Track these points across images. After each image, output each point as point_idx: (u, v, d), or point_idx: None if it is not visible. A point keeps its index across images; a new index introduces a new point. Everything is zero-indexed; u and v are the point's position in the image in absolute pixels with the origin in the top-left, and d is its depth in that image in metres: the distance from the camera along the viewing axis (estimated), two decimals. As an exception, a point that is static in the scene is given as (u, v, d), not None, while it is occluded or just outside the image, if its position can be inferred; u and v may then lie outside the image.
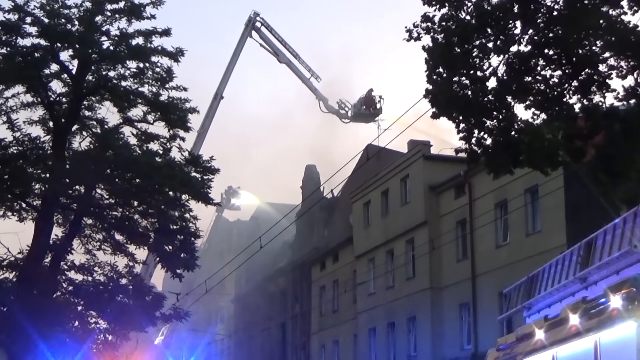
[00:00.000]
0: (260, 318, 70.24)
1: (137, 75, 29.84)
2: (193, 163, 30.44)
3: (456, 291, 41.23)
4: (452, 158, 36.19)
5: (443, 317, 42.16)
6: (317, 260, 59.83)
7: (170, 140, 30.62)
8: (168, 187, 29.15)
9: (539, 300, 15.52)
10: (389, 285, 47.46)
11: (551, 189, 32.24)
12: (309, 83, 59.30)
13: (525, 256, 34.32)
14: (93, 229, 31.01)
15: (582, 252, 13.92)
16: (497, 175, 22.87)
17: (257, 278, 73.75)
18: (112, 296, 30.04)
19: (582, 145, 21.14)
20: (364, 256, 50.64)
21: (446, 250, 41.69)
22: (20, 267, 28.96)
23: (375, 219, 49.80)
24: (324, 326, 58.00)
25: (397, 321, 46.26)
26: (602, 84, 20.75)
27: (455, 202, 41.77)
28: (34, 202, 29.65)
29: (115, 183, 29.65)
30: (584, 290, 13.54)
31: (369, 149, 47.17)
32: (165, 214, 29.93)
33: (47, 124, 29.91)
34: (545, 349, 13.38)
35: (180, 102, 30.31)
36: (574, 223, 31.57)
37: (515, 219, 36.98)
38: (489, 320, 36.21)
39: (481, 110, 20.83)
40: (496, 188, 36.60)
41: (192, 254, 30.51)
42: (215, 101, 57.09)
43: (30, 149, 28.95)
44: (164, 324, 36.17)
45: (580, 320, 12.14)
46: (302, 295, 62.65)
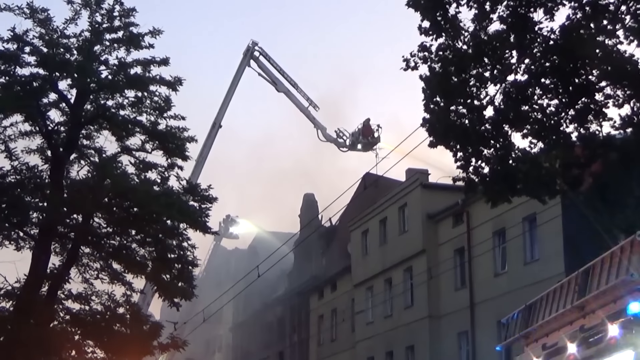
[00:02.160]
0: (258, 347, 69.99)
1: (135, 104, 29.88)
2: (191, 192, 30.40)
3: (455, 320, 41.14)
4: (450, 187, 36.23)
5: (442, 345, 42.04)
6: (315, 289, 59.71)
7: (169, 169, 30.60)
8: (166, 215, 29.09)
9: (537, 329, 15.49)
10: (387, 314, 47.36)
11: (549, 217, 32.28)
12: (307, 112, 59.46)
13: (523, 284, 34.28)
14: (91, 258, 30.90)
15: (580, 280, 13.91)
16: (494, 204, 22.91)
17: (255, 307, 73.57)
18: (110, 325, 29.88)
19: (579, 173, 21.21)
20: (362, 285, 50.56)
21: (444, 279, 41.65)
22: (17, 296, 28.84)
23: (373, 247, 49.76)
24: (322, 355, 57.77)
25: (396, 350, 46.10)
26: (598, 113, 20.85)
27: (454, 231, 41.78)
28: (32, 230, 29.58)
29: (113, 212, 29.60)
30: (581, 319, 13.52)
31: (366, 177, 47.26)
32: (163, 242, 29.86)
33: (45, 153, 29.91)
34: (544, 378, 13.38)
35: (179, 131, 30.32)
36: (572, 251, 31.56)
37: (513, 247, 36.97)
38: (487, 348, 36.09)
39: (478, 139, 20.90)
40: (494, 216, 36.62)
41: (190, 283, 30.40)
42: (214, 130, 57.21)
43: (28, 177, 28.92)
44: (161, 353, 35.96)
45: (578, 349, 12.16)
46: (300, 324, 62.47)
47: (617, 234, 20.18)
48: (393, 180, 49.25)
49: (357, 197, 50.02)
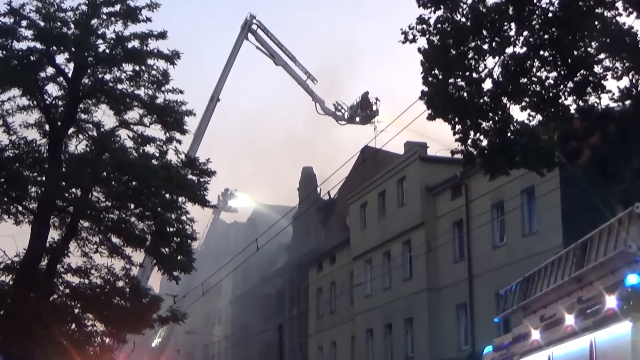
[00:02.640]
0: (257, 320, 70.29)
1: (133, 78, 29.84)
2: (189, 165, 30.43)
3: (453, 292, 41.30)
4: (449, 159, 36.25)
5: (440, 318, 42.22)
6: (314, 261, 59.89)
7: (167, 143, 30.61)
8: (164, 189, 29.13)
9: (535, 300, 15.56)
10: (386, 287, 47.52)
11: (547, 190, 32.32)
12: (305, 85, 59.34)
13: (521, 257, 34.39)
14: (90, 232, 30.97)
15: (578, 252, 13.95)
16: (493, 177, 22.93)
17: (254, 280, 73.81)
18: (109, 299, 30.02)
19: (577, 146, 21.23)
20: (360, 258, 50.71)
21: (443, 252, 41.77)
22: (16, 270, 28.95)
23: (372, 220, 49.86)
24: (321, 328, 58.05)
25: (395, 322, 46.31)
26: (597, 85, 20.84)
27: (452, 204, 41.85)
28: (30, 205, 29.63)
29: (112, 186, 29.63)
30: (579, 291, 13.58)
31: (365, 150, 47.22)
32: (161, 216, 29.91)
33: (43, 127, 29.90)
34: (541, 349, 13.45)
35: (177, 105, 30.30)
36: (570, 224, 31.64)
37: (511, 220, 37.05)
38: (486, 320, 36.27)
39: (477, 111, 20.89)
40: (492, 189, 36.66)
41: (189, 256, 30.50)
42: (212, 104, 57.10)
43: (27, 152, 28.93)
44: (161, 326, 36.13)
45: (575, 321, 12.20)
46: (299, 296, 62.70)
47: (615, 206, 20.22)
48: (392, 153, 49.26)
49: (356, 170, 50.02)
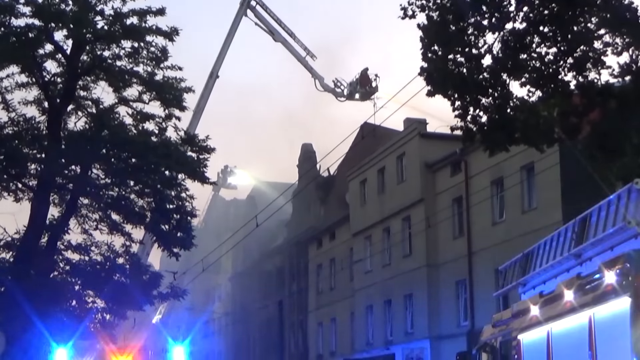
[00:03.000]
0: (257, 296, 70.47)
1: (131, 54, 29.77)
2: (189, 142, 30.43)
3: (452, 268, 41.38)
4: (448, 136, 36.22)
5: (439, 294, 42.33)
6: (313, 238, 59.97)
7: (166, 120, 30.61)
8: (164, 166, 29.15)
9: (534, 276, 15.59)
10: (386, 263, 47.61)
11: (547, 166, 32.31)
12: (304, 62, 59.17)
13: (521, 233, 34.41)
14: (89, 209, 31.02)
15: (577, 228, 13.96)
16: (492, 153, 22.92)
17: (254, 256, 73.92)
18: (109, 275, 30.09)
19: (577, 122, 21.20)
20: (360, 234, 50.77)
21: (442, 228, 41.81)
22: (17, 247, 29.01)
23: (371, 197, 49.88)
24: (321, 304, 58.21)
25: (394, 299, 46.43)
26: (597, 61, 20.77)
27: (452, 180, 41.84)
28: (30, 182, 29.66)
29: (111, 163, 29.64)
30: (578, 267, 13.60)
31: (364, 127, 47.15)
32: (161, 193, 29.94)
33: (42, 104, 29.87)
34: (541, 325, 13.48)
35: (176, 82, 30.26)
36: (570, 200, 31.65)
37: (511, 196, 37.06)
38: (485, 296, 36.37)
39: (476, 87, 20.85)
40: (492, 165, 36.64)
41: (189, 233, 30.55)
42: (211, 80, 56.94)
43: (26, 129, 28.93)
44: (161, 302, 36.24)
45: (574, 296, 12.22)
46: (299, 273, 62.83)
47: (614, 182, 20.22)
48: (391, 130, 49.18)
49: (355, 146, 49.96)
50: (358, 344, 50.91)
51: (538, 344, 13.52)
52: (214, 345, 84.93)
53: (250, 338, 73.96)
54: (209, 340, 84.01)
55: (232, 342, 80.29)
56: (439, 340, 41.65)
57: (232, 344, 79.98)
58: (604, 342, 11.41)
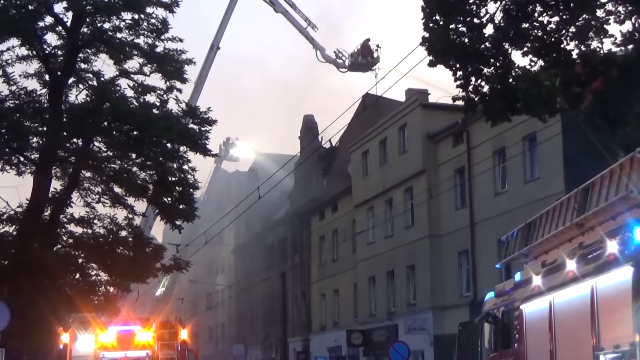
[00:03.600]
0: (260, 268, 70.69)
1: (132, 26, 29.69)
2: (190, 114, 30.41)
3: (455, 239, 41.44)
4: (450, 106, 36.08)
5: (442, 264, 42.41)
6: (316, 210, 60.03)
7: (167, 92, 30.58)
8: (166, 138, 29.14)
9: (537, 246, 15.60)
10: (388, 234, 47.67)
11: (549, 136, 32.24)
12: (305, 32, 59.01)
13: (523, 203, 34.40)
14: (92, 182, 31.07)
15: (579, 198, 13.94)
16: (494, 123, 22.89)
17: (257, 228, 74.07)
18: (113, 248, 30.20)
19: (579, 91, 21.11)
20: (362, 205, 50.81)
21: (445, 199, 41.82)
22: (19, 221, 29.08)
23: (373, 168, 49.87)
24: (323, 275, 58.37)
25: (397, 269, 46.54)
26: (599, 30, 20.67)
27: (454, 150, 41.79)
28: (32, 155, 29.68)
29: (113, 135, 29.65)
30: (580, 236, 13.60)
31: (366, 98, 47.12)
32: (163, 165, 29.96)
33: (43, 77, 29.83)
34: (543, 295, 13.52)
35: (176, 54, 30.21)
36: (572, 169, 31.62)
37: (513, 167, 37.03)
38: (487, 267, 36.42)
39: (478, 57, 20.77)
40: (494, 136, 36.58)
41: (191, 205, 30.61)
42: (212, 52, 56.81)
43: (27, 102, 28.91)
44: (164, 275, 36.37)
45: (577, 266, 12.24)
46: (301, 245, 62.96)
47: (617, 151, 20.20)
48: (393, 101, 49.09)
49: (357, 117, 49.90)
50: (361, 315, 51.11)
51: (540, 314, 13.57)
52: (217, 317, 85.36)
53: (253, 310, 74.28)
54: (212, 312, 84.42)
55: (235, 314, 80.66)
56: (442, 311, 41.78)
57: (235, 315, 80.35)
58: (606, 312, 11.44)
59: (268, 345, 69.13)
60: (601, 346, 11.50)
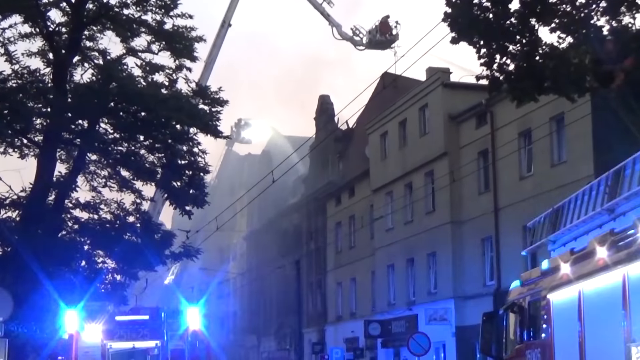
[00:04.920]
0: (273, 255, 70.80)
1: (139, 2, 29.64)
2: (201, 94, 30.39)
3: (478, 225, 41.38)
4: (473, 85, 36.01)
5: (464, 252, 42.38)
6: (332, 194, 60.05)
7: (176, 71, 30.55)
8: (175, 120, 29.14)
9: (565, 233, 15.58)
10: (408, 220, 47.66)
11: (578, 117, 32.10)
12: (321, 8, 58.87)
13: (550, 188, 34.33)
14: (98, 165, 31.13)
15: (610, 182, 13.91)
16: (520, 103, 22.81)
17: (270, 214, 74.18)
18: (120, 235, 30.26)
19: (610, 69, 21.00)
20: (381, 190, 50.79)
21: (467, 183, 41.74)
22: (23, 206, 29.17)
23: (392, 150, 49.81)
24: (340, 263, 58.44)
25: (417, 257, 46.54)
26: (631, 4, 20.56)
27: (477, 132, 41.70)
28: (36, 137, 29.73)
29: (120, 117, 29.68)
30: (612, 222, 13.57)
31: (385, 77, 47.02)
32: (172, 148, 29.99)
33: (47, 56, 29.84)
34: (571, 284, 13.48)
35: (186, 31, 30.16)
36: (602, 152, 31.50)
37: (539, 149, 36.91)
38: (512, 254, 36.39)
39: (503, 34, 20.69)
40: (519, 116, 36.46)
41: (202, 190, 30.63)
42: (223, 29, 56.78)
43: (30, 82, 28.92)
44: (174, 262, 36.49)
45: (608, 253, 12.20)
46: (316, 231, 63.02)
47: (649, 132, 20.12)
48: (413, 80, 48.97)
49: (375, 98, 49.79)
50: (379, 304, 51.17)
51: (569, 304, 13.53)
52: (229, 307, 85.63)
53: (267, 299, 74.48)
54: (224, 302, 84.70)
55: (247, 303, 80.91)
56: (464, 301, 41.77)
57: (248, 305, 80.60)
58: (638, 302, 11.40)
59: (282, 336, 69.33)
60: (633, 337, 11.46)
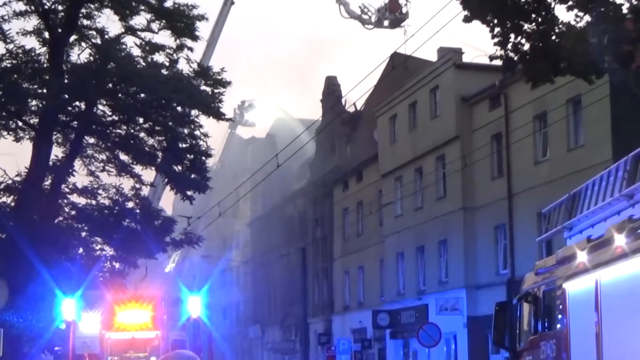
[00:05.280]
0: (278, 243, 70.91)
1: (138, -22, 29.63)
2: (202, 75, 30.40)
3: (491, 212, 41.38)
4: (487, 66, 35.97)
5: (477, 240, 42.39)
6: (339, 180, 60.07)
7: (177, 51, 30.54)
8: (176, 101, 29.17)
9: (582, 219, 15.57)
10: (418, 206, 47.67)
11: (595, 99, 32.06)
12: (328, -15, 58.72)
13: (566, 173, 34.31)
14: (96, 149, 31.19)
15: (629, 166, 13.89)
16: (535, 85, 22.74)
17: (275, 200, 74.24)
18: (118, 221, 30.34)
19: (630, 49, 20.91)
20: (390, 175, 50.79)
21: (480, 167, 41.73)
22: (18, 191, 29.25)
23: (402, 134, 49.79)
24: (347, 251, 58.50)
25: (427, 245, 46.57)
26: (652, -19, 20.44)
27: (490, 115, 41.65)
28: (31, 120, 29.78)
29: (118, 98, 29.69)
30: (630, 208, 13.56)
31: (394, 57, 46.92)
32: (173, 131, 30.02)
33: (43, 35, 29.83)
34: (588, 272, 13.47)
35: (187, 9, 30.13)
36: (621, 136, 31.47)
37: (555, 133, 36.87)
38: (526, 242, 36.40)
39: (518, 12, 20.61)
40: (535, 99, 36.41)
41: (203, 175, 30.68)
42: (226, 7, 56.75)
43: (25, 62, 28.94)
44: (174, 250, 36.56)
45: (626, 241, 12.19)
46: (323, 218, 63.07)
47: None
48: (423, 60, 48.89)
49: (384, 79, 49.75)
50: (388, 294, 51.25)
51: (585, 294, 13.53)
52: (232, 296, 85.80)
53: (271, 288, 74.63)
54: (227, 291, 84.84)
55: (251, 293, 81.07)
56: (476, 290, 41.83)
57: (251, 294, 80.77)
58: (658, 291, 11.41)
59: (287, 327, 69.51)
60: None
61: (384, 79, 49.55)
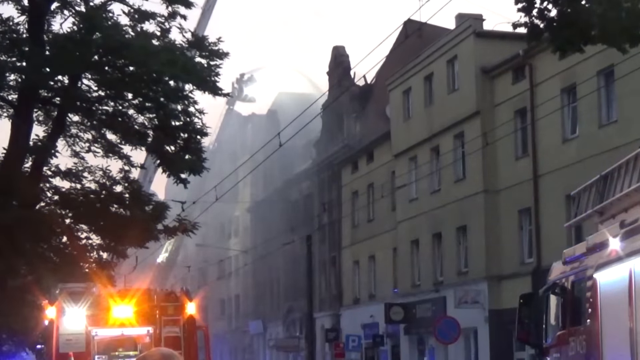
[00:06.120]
0: (281, 230, 71.04)
1: (125, -61, 29.60)
2: (197, 46, 30.36)
3: (515, 195, 41.43)
4: (509, 35, 35.92)
5: (499, 225, 42.45)
6: (347, 160, 60.14)
7: (169, 19, 30.47)
8: (168, 75, 29.13)
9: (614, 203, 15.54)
10: (434, 189, 47.74)
11: (629, 70, 32.02)
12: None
13: (597, 151, 34.34)
14: (80, 127, 31.20)
15: (667, 144, 13.89)
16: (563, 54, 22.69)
17: (277, 183, 74.40)
18: (106, 206, 30.38)
19: (668, 15, 20.88)
20: (403, 155, 50.84)
21: (502, 146, 41.75)
22: (-5, 174, 29.29)
23: (417, 109, 49.80)
24: (357, 238, 58.60)
25: (445, 231, 46.65)
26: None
27: (514, 88, 41.65)
28: (9, 96, 29.80)
29: (105, 72, 29.68)
30: (668, 191, 13.57)
31: (408, 25, 46.85)
32: (165, 107, 30.00)
33: (21, 3, 29.82)
34: (622, 261, 13.49)
35: (180, -28, 30.10)
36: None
37: (585, 107, 36.87)
38: (554, 227, 36.44)
39: (544, -26, 20.56)
40: (563, 70, 36.39)
41: (199, 155, 30.68)
42: (222, -30, 56.62)
43: (2, 32, 28.94)
44: (167, 238, 36.60)
45: (663, 227, 12.22)
46: (330, 202, 63.16)
47: None
48: (440, 28, 48.87)
49: (397, 49, 49.73)
50: (402, 285, 51.38)
51: (618, 284, 13.56)
52: (231, 288, 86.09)
53: (274, 279, 74.87)
54: (225, 283, 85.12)
55: (251, 285, 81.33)
56: (499, 281, 41.93)
57: (252, 286, 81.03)
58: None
59: (291, 322, 69.76)
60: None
61: (397, 49, 49.52)
